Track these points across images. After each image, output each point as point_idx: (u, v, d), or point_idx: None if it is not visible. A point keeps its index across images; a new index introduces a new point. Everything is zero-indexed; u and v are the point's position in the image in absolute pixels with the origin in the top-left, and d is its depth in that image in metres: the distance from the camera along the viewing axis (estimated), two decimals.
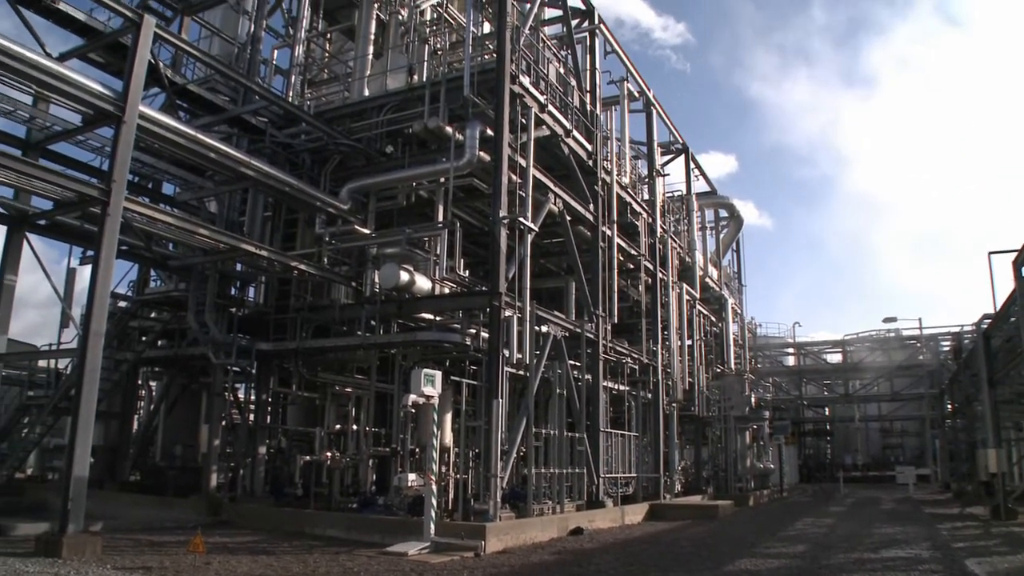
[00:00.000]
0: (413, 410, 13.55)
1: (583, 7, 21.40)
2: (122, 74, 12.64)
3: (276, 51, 21.53)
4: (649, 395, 22.63)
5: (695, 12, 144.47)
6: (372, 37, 18.93)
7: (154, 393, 21.77)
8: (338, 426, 18.33)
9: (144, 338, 18.74)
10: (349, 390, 18.46)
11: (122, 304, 18.72)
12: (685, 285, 26.54)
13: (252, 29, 19.10)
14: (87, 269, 14.43)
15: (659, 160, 27.34)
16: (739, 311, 37.34)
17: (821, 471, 49.17)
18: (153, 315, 19.11)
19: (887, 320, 43.04)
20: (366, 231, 16.43)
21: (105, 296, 11.31)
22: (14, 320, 14.32)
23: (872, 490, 38.10)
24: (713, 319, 31.67)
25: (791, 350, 55.30)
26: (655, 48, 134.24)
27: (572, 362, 17.25)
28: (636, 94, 25.26)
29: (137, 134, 12.04)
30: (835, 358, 55.10)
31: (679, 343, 25.10)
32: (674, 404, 24.43)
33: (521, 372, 15.21)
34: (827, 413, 56.08)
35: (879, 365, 51.44)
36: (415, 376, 12.39)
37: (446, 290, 15.72)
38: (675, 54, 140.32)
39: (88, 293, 11.21)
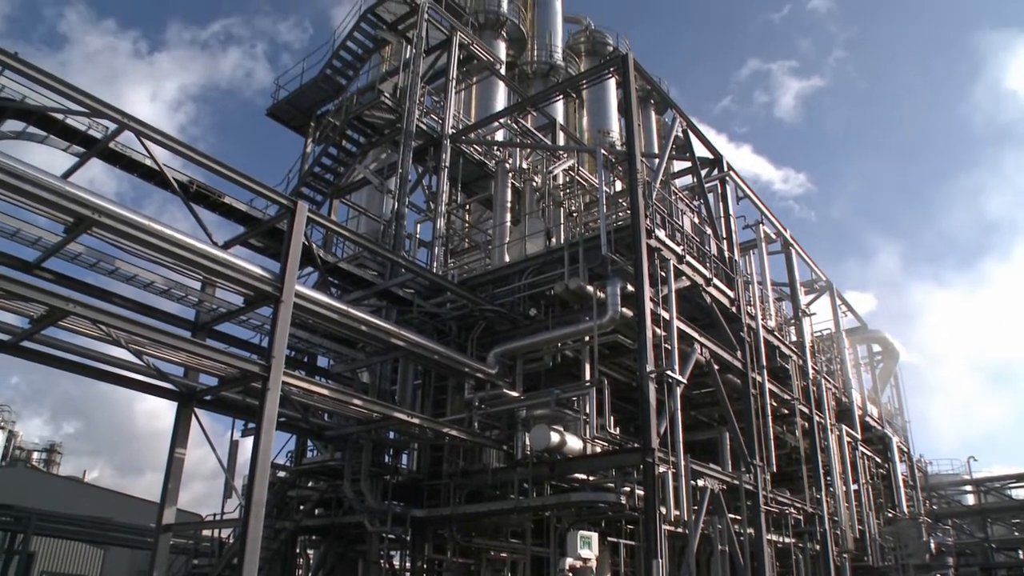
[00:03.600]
0: (571, 574, 13.17)
1: (711, 156, 21.66)
2: (279, 256, 13.57)
3: (419, 225, 22.63)
4: (817, 546, 21.22)
5: (812, 162, 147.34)
6: (508, 205, 19.72)
7: (312, 561, 22.04)
8: None
9: (302, 507, 19.14)
10: (504, 555, 18.18)
11: (281, 474, 19.27)
12: (844, 426, 25.21)
13: (396, 206, 20.20)
14: (249, 441, 15.09)
15: (803, 300, 26.66)
16: (905, 449, 34.99)
17: None
18: (310, 484, 19.56)
19: None
20: (514, 394, 16.56)
21: (266, 467, 11.70)
22: (183, 491, 14.94)
23: None
24: (878, 460, 29.75)
25: (969, 488, 50.91)
26: (777, 200, 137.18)
27: (732, 516, 16.47)
28: (773, 235, 25.02)
29: (293, 311, 12.73)
30: (1021, 493, 50.33)
31: (844, 488, 23.64)
32: (845, 555, 22.74)
33: (679, 529, 14.63)
34: (1022, 556, 50.78)
35: None
36: (571, 539, 12.15)
37: (597, 449, 15.47)
38: (798, 204, 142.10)
39: (250, 464, 11.64)
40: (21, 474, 45.97)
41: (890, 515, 28.75)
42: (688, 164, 21.18)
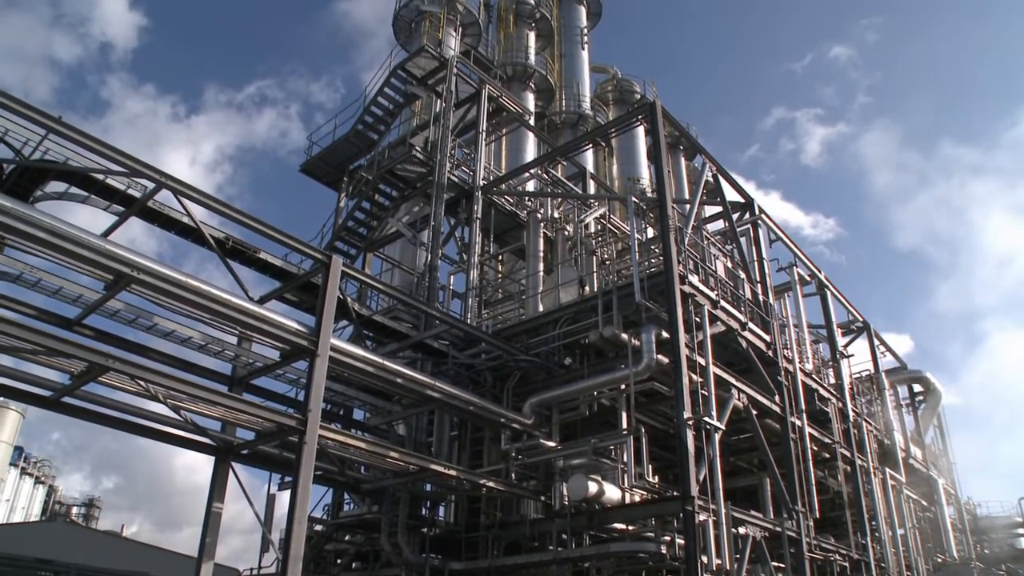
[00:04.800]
0: None
1: (742, 200, 21.64)
2: (314, 310, 13.69)
3: (452, 276, 22.69)
4: None
5: (841, 207, 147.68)
6: (541, 254, 19.78)
7: None
8: None
9: (339, 561, 19.07)
10: None
11: (318, 528, 19.20)
12: (888, 469, 24.69)
13: (429, 258, 20.34)
14: (286, 495, 15.06)
15: (841, 341, 26.37)
16: (952, 491, 34.14)
17: None
18: (347, 538, 19.47)
19: None
20: (551, 444, 16.44)
21: (303, 521, 11.62)
22: (220, 546, 14.88)
23: None
24: (924, 503, 29.04)
25: (1021, 530, 49.31)
26: (808, 245, 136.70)
27: (775, 564, 16.10)
28: (807, 277, 24.83)
29: (329, 365, 12.78)
30: None
31: (890, 533, 23.06)
32: None
33: None
34: None
35: None
36: None
37: (636, 498, 15.28)
38: (828, 249, 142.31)
39: (287, 518, 11.58)
40: (60, 529, 46.24)
41: (939, 560, 27.97)
42: (719, 209, 21.19)
